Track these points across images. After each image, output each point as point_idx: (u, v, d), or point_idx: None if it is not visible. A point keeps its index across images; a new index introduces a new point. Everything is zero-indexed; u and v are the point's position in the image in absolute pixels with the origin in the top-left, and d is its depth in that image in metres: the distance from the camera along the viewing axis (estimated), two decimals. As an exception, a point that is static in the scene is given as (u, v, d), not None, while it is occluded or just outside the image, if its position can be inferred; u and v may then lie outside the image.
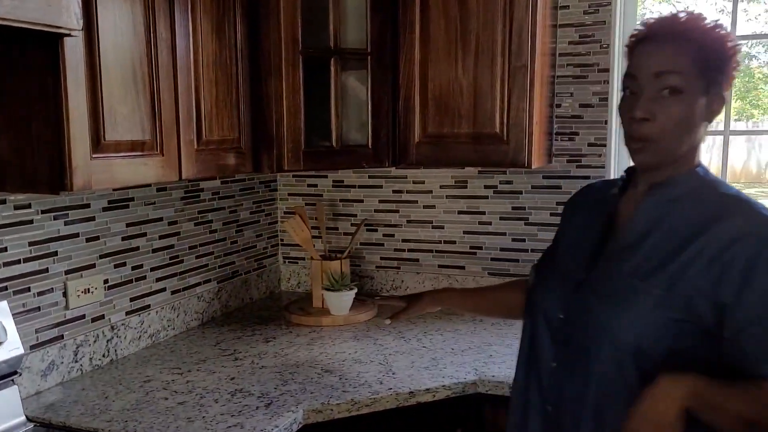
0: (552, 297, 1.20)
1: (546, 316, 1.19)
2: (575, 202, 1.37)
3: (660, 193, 1.13)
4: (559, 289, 1.19)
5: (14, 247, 1.55)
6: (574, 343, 1.14)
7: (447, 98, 1.94)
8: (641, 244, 1.11)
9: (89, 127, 1.30)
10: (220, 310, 2.26)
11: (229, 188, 2.31)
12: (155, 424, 1.44)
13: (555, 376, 1.17)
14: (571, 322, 1.15)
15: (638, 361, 1.06)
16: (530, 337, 1.23)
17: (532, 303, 1.26)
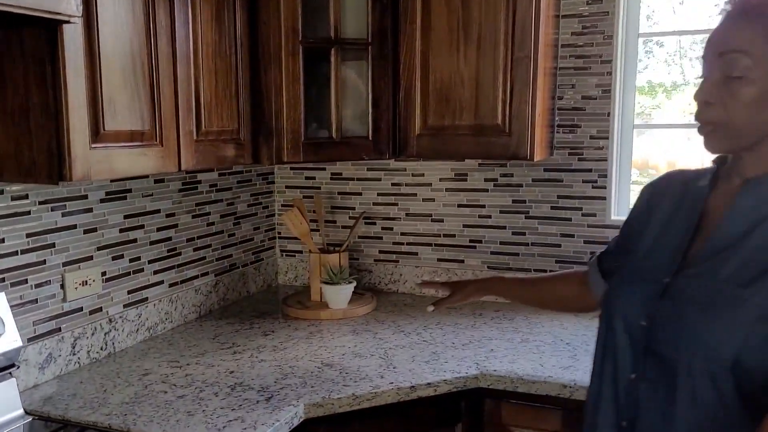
0: (633, 301, 1.07)
1: (625, 321, 1.07)
2: (656, 193, 1.20)
3: (758, 188, 1.00)
4: (640, 292, 1.06)
5: (11, 238, 1.53)
6: (659, 354, 1.01)
7: (448, 89, 1.93)
8: (740, 247, 0.98)
9: (88, 116, 1.28)
10: (217, 304, 2.24)
11: (226, 180, 2.28)
12: (155, 417, 1.42)
13: (634, 389, 1.04)
14: (656, 330, 1.02)
15: (738, 379, 0.93)
16: (604, 344, 1.11)
17: (608, 306, 1.13)
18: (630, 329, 1.06)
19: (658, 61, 2.20)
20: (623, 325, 1.07)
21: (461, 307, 2.23)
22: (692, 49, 2.19)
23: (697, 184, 1.10)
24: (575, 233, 2.19)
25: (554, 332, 1.96)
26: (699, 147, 1.09)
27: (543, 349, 1.82)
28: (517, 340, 1.89)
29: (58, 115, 1.23)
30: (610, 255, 1.32)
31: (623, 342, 1.07)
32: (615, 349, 1.08)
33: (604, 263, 1.33)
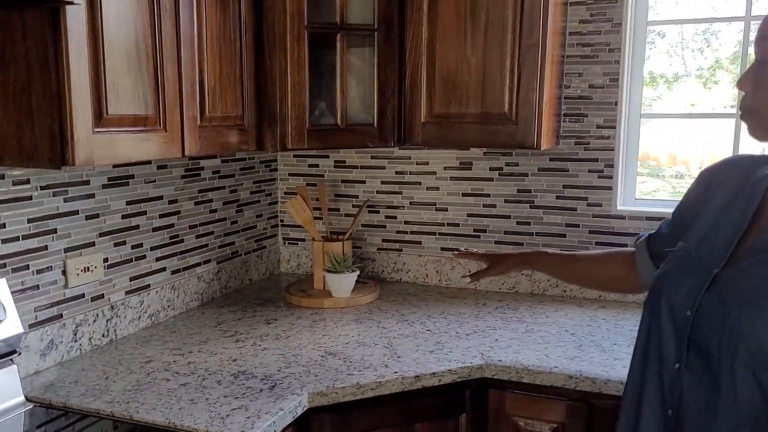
0: (680, 290, 1.05)
1: (671, 310, 1.05)
2: (714, 179, 1.15)
3: None
4: (688, 281, 1.04)
5: (13, 223, 1.51)
6: (703, 345, 0.99)
7: (455, 77, 1.90)
8: None
9: (91, 99, 1.26)
10: (219, 291, 2.23)
11: (229, 167, 2.26)
12: (157, 405, 1.41)
13: (678, 379, 1.03)
14: (701, 321, 1.00)
15: None
16: (648, 331, 1.10)
17: (655, 293, 1.11)
18: (675, 318, 1.04)
19: (660, 52, 2.18)
20: (669, 314, 1.05)
21: (465, 297, 2.22)
22: (694, 40, 2.17)
23: (759, 172, 1.06)
24: (580, 223, 2.18)
25: (559, 323, 1.95)
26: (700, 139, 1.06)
27: (548, 339, 1.81)
28: (521, 331, 1.88)
29: (61, 98, 1.21)
30: (661, 238, 1.28)
31: (668, 331, 1.05)
32: (660, 337, 1.06)
33: (654, 246, 1.30)
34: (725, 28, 2.11)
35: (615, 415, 1.54)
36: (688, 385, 1.01)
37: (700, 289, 1.01)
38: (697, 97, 2.18)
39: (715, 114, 2.12)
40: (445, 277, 2.36)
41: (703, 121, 2.16)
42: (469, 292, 2.29)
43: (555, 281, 2.21)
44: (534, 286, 2.24)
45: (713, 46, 2.16)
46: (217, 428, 1.31)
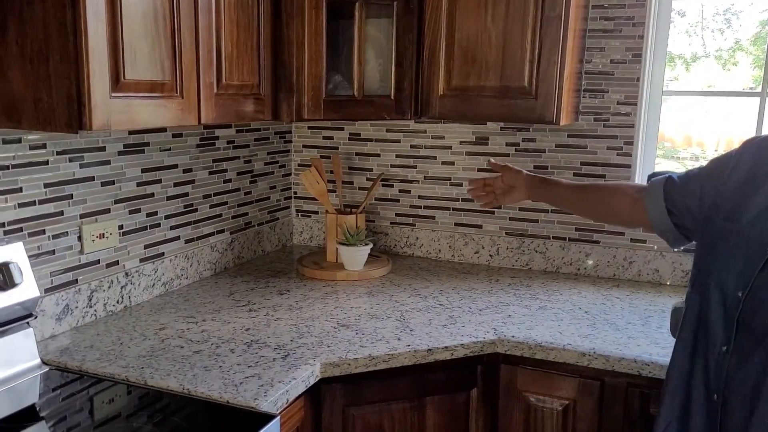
0: (733, 272, 1.03)
1: (723, 292, 1.03)
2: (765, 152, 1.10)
3: None
4: (741, 261, 1.02)
5: (29, 188, 1.51)
6: (752, 326, 0.98)
7: (474, 49, 1.87)
8: None
9: (109, 63, 1.25)
10: (232, 261, 2.23)
11: (244, 137, 2.25)
12: (172, 371, 1.42)
13: (725, 362, 1.01)
14: (753, 301, 0.98)
15: None
16: (698, 313, 1.07)
17: (704, 274, 1.09)
18: (726, 299, 1.02)
19: (679, 31, 2.13)
20: (720, 296, 1.03)
21: (477, 273, 2.22)
22: (714, 20, 2.12)
23: None
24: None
25: (573, 300, 1.94)
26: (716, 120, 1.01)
27: (561, 316, 1.80)
28: (534, 307, 1.87)
29: (78, 61, 1.20)
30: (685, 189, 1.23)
31: (717, 313, 1.03)
32: (708, 320, 1.04)
33: (674, 192, 1.26)
34: (747, 8, 2.06)
35: (626, 393, 1.56)
36: (735, 368, 0.99)
37: (753, 269, 0.98)
38: (715, 79, 2.14)
39: (739, 92, 2.07)
40: (458, 253, 2.35)
41: (721, 103, 2.13)
42: (482, 268, 2.28)
43: (569, 259, 2.19)
44: (548, 263, 2.23)
45: (734, 27, 2.11)
46: (231, 395, 1.32)
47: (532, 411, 1.66)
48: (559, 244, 2.21)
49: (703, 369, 1.05)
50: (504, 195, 1.70)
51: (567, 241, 2.20)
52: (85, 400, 1.36)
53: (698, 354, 1.07)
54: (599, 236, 2.16)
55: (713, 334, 1.04)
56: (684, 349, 1.11)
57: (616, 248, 2.15)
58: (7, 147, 1.46)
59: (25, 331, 1.44)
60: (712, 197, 1.15)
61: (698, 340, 1.07)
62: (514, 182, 1.67)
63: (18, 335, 1.42)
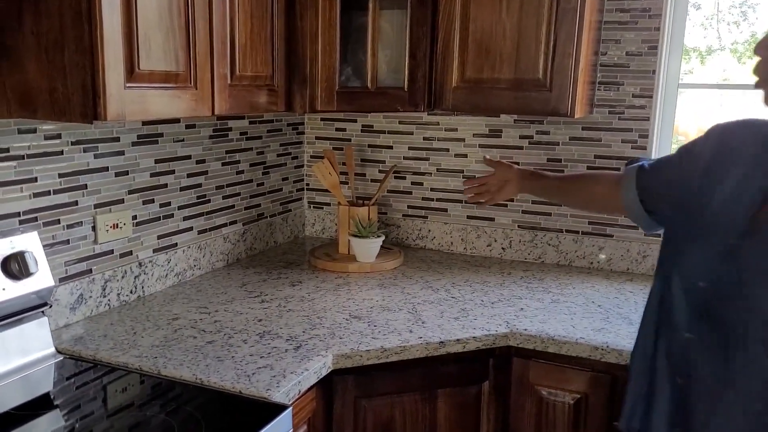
0: (694, 260, 1.04)
1: (684, 280, 1.04)
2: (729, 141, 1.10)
3: None
4: (703, 252, 1.02)
5: (44, 177, 1.52)
6: (717, 318, 0.99)
7: (488, 41, 1.86)
8: None
9: (123, 54, 1.25)
10: (245, 253, 2.24)
11: (257, 129, 2.25)
12: (185, 361, 1.43)
13: (689, 349, 1.03)
14: (715, 293, 0.99)
15: None
16: (660, 300, 1.10)
17: (667, 261, 1.10)
18: (688, 288, 1.03)
19: (694, 24, 2.10)
20: (681, 284, 1.04)
21: (489, 266, 2.21)
22: (730, 12, 2.09)
23: None
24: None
25: (586, 294, 1.93)
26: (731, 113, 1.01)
27: (574, 310, 1.79)
28: (547, 301, 1.86)
29: (93, 52, 1.20)
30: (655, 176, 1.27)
31: (680, 301, 1.04)
32: (671, 307, 1.06)
33: (645, 179, 1.29)
34: (763, 1, 2.03)
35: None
36: (699, 355, 1.01)
37: (715, 260, 1.00)
38: (730, 72, 2.11)
39: (755, 86, 2.04)
40: (470, 246, 2.34)
41: (736, 96, 2.10)
42: (494, 261, 2.28)
43: (582, 252, 2.18)
44: (561, 257, 2.22)
45: (750, 20, 2.08)
46: (244, 386, 1.32)
47: (544, 404, 1.65)
48: (572, 237, 2.20)
49: (666, 352, 1.08)
50: (498, 191, 1.78)
51: (580, 235, 2.19)
52: (98, 389, 1.37)
53: (661, 338, 1.09)
54: (612, 230, 2.15)
55: (676, 320, 1.05)
56: (648, 333, 1.13)
57: (629, 242, 2.13)
58: (23, 137, 1.47)
59: (40, 320, 1.45)
60: (678, 185, 1.15)
61: (661, 325, 1.09)
62: (507, 176, 1.75)
63: (33, 324, 1.43)
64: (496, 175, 1.77)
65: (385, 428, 1.61)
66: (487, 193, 1.81)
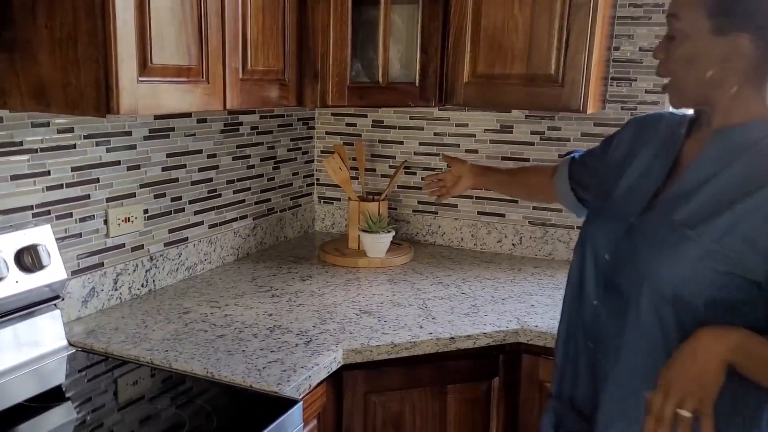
0: (601, 236, 1.18)
1: (594, 253, 1.18)
2: (644, 132, 1.26)
3: (725, 139, 1.07)
4: (609, 229, 1.17)
5: (57, 171, 1.53)
6: (616, 284, 1.12)
7: (500, 36, 1.85)
8: (698, 192, 1.06)
9: (136, 48, 1.25)
10: (255, 247, 2.24)
11: (267, 123, 2.25)
12: (196, 355, 1.43)
13: (596, 314, 1.17)
14: (617, 263, 1.13)
15: (677, 310, 1.03)
16: (579, 272, 1.23)
17: (584, 236, 1.25)
18: (597, 261, 1.18)
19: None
20: (592, 257, 1.19)
21: (500, 262, 2.21)
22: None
23: (679, 131, 1.17)
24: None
25: (596, 291, 1.92)
26: None
27: (585, 307, 1.78)
28: (558, 297, 1.86)
29: (107, 45, 1.20)
30: (582, 165, 1.45)
31: (590, 271, 1.19)
32: (584, 279, 1.20)
33: (574, 169, 1.47)
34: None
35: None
36: (604, 319, 1.15)
37: (617, 236, 1.14)
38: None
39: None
40: (481, 242, 2.34)
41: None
42: (504, 257, 2.27)
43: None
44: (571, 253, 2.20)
45: None
46: (254, 380, 1.33)
47: (554, 401, 1.65)
48: (583, 234, 2.18)
49: (580, 319, 1.21)
50: (453, 186, 1.85)
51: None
52: (110, 381, 1.38)
53: (578, 307, 1.22)
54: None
55: (588, 289, 1.19)
56: (569, 302, 1.26)
57: (641, 239, 2.11)
58: (36, 130, 1.47)
59: (53, 312, 1.46)
60: (600, 173, 1.32)
61: (577, 296, 1.23)
62: (461, 172, 1.82)
63: (45, 317, 1.44)
64: (452, 171, 1.84)
65: (395, 423, 1.61)
66: (443, 188, 1.87)
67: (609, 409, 1.13)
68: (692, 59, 1.06)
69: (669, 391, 0.98)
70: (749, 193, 1.00)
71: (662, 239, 1.06)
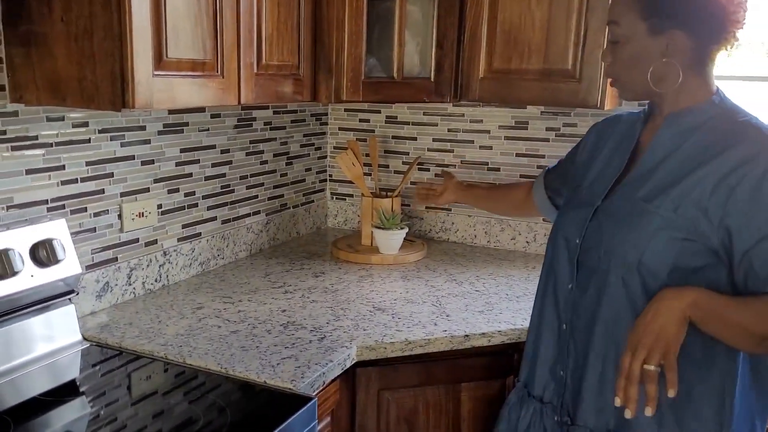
0: (571, 223, 1.27)
1: (566, 240, 1.27)
2: (602, 132, 1.39)
3: (676, 122, 1.18)
4: (578, 215, 1.26)
5: (72, 165, 1.53)
6: (588, 264, 1.21)
7: (517, 31, 1.83)
8: (655, 171, 1.16)
9: (152, 42, 1.24)
10: (267, 243, 2.24)
11: (281, 119, 2.25)
12: (210, 350, 1.43)
13: (571, 297, 1.25)
14: (586, 245, 1.22)
15: (643, 278, 1.12)
16: (550, 261, 1.32)
17: (554, 226, 1.35)
18: (569, 247, 1.26)
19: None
20: (564, 244, 1.28)
21: (514, 259, 2.19)
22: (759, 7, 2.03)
23: (635, 124, 1.28)
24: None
25: (612, 289, 1.90)
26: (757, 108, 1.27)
27: (601, 305, 1.76)
28: (573, 296, 1.84)
29: (122, 39, 1.20)
30: (555, 174, 1.58)
31: (563, 258, 1.27)
32: (557, 264, 1.29)
33: (548, 178, 1.60)
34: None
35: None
36: (579, 300, 1.23)
37: (585, 220, 1.23)
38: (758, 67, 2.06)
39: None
40: (494, 239, 2.32)
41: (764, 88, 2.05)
42: (518, 255, 2.25)
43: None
44: (586, 251, 2.18)
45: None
46: (268, 376, 1.32)
47: (569, 400, 1.64)
48: (599, 232, 2.16)
49: (554, 305, 1.29)
50: (439, 196, 1.94)
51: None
52: (123, 376, 1.38)
53: (548, 293, 1.31)
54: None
55: (561, 275, 1.28)
56: (540, 292, 1.35)
57: (657, 237, 2.09)
58: (51, 124, 1.47)
59: (67, 307, 1.46)
60: (570, 176, 1.44)
61: (548, 282, 1.31)
62: (447, 185, 1.93)
63: (60, 311, 1.44)
64: (443, 182, 1.95)
65: (408, 421, 1.60)
66: (432, 196, 1.96)
67: (592, 381, 1.21)
68: (635, 59, 1.17)
69: (636, 349, 1.06)
70: (701, 164, 1.10)
71: (625, 215, 1.17)
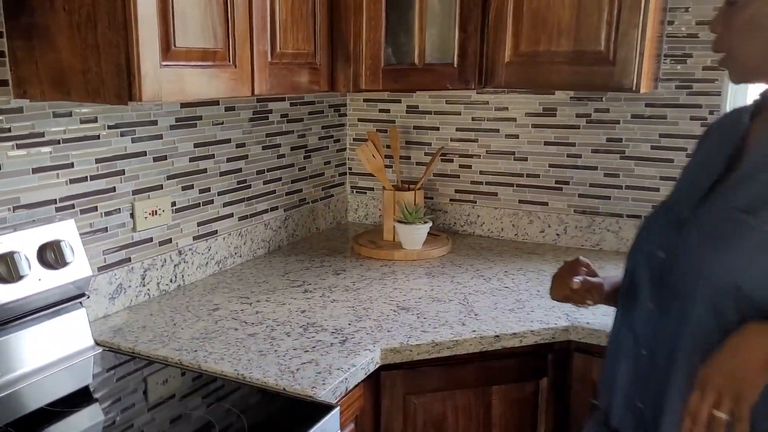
0: (653, 234, 1.10)
1: (647, 254, 1.09)
2: (709, 132, 1.18)
3: None
4: (661, 225, 1.09)
5: (81, 163, 1.46)
6: (671, 283, 1.03)
7: (545, 11, 1.72)
8: (756, 176, 0.96)
9: (159, 30, 1.17)
10: (286, 239, 2.16)
11: (298, 111, 2.17)
12: (226, 355, 1.36)
13: (651, 319, 1.06)
14: (671, 261, 1.03)
15: (739, 306, 0.92)
16: (630, 280, 1.13)
17: (637, 242, 1.15)
18: (650, 261, 1.07)
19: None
20: (645, 258, 1.09)
21: (543, 253, 2.09)
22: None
23: (741, 118, 1.07)
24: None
25: (650, 284, 1.79)
26: None
27: (639, 302, 1.66)
28: (608, 291, 1.74)
29: (127, 28, 1.13)
30: None
31: (644, 274, 1.08)
32: (638, 281, 1.10)
33: None
34: None
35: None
36: (660, 323, 1.04)
37: (671, 231, 1.05)
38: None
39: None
40: (522, 231, 2.22)
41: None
42: (548, 248, 2.15)
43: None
44: (621, 243, 2.08)
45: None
46: (287, 383, 1.25)
47: (607, 403, 1.54)
48: (634, 222, 2.05)
49: (630, 326, 1.11)
50: None
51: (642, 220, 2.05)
52: (137, 382, 1.32)
53: (626, 313, 1.13)
54: (677, 215, 2.00)
55: (641, 293, 1.09)
56: (619, 308, 1.17)
57: (696, 228, 1.98)
58: (58, 120, 1.41)
59: (78, 311, 1.39)
60: None
61: (628, 300, 1.13)
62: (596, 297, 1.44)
63: (71, 315, 1.38)
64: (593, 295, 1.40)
65: (437, 426, 1.52)
66: None
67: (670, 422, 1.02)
68: (756, 26, 0.96)
69: (705, 389, 0.90)
70: None
71: (718, 229, 0.97)
